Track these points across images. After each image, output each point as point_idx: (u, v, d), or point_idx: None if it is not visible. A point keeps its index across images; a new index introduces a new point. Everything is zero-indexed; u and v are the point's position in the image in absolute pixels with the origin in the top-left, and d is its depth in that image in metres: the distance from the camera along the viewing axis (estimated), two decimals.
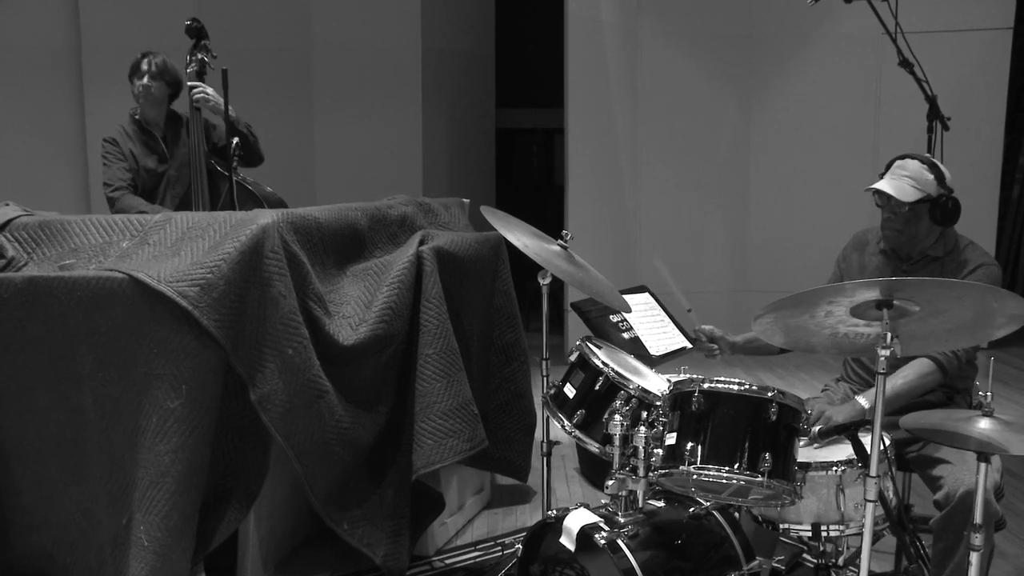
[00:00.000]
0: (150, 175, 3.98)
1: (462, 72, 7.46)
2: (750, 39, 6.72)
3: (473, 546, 3.48)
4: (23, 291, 2.79)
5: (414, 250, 3.21)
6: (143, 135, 3.99)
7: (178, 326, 2.66)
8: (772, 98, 6.75)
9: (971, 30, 6.23)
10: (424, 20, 6.78)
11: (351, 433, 3.00)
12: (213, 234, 2.86)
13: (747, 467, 2.17)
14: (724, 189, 6.87)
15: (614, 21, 6.35)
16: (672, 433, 2.27)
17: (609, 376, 2.59)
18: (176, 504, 2.68)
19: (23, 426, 2.89)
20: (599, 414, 2.61)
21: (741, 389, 2.22)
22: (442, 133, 7.18)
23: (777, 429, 2.19)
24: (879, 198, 2.94)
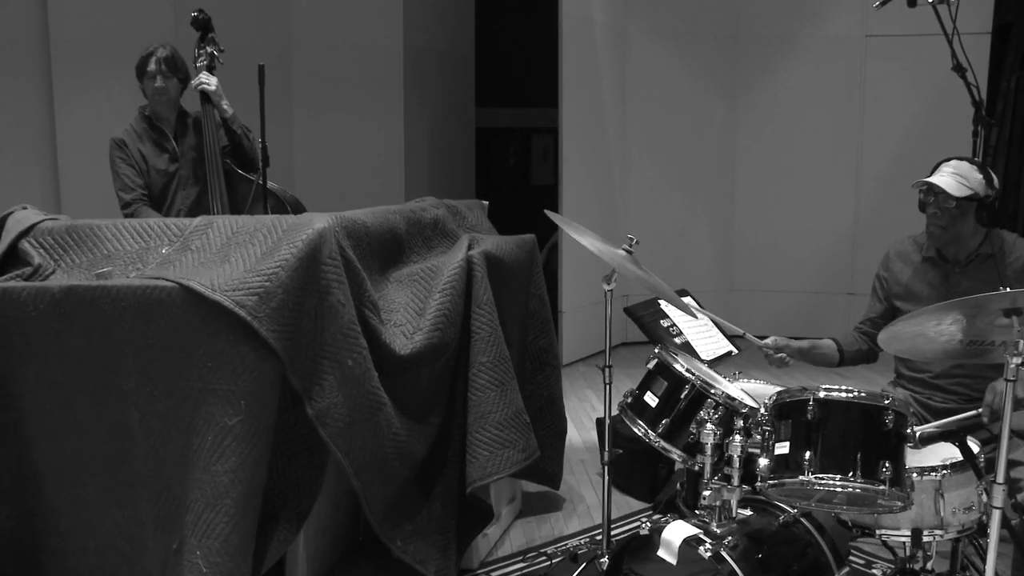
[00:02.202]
0: (160, 175, 3.79)
1: (443, 71, 7.34)
2: (736, 40, 6.75)
3: (520, 556, 3.39)
4: (62, 301, 2.59)
5: (463, 255, 3.10)
6: (154, 133, 3.80)
7: (235, 338, 2.51)
8: (758, 98, 6.79)
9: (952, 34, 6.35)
10: (406, 18, 6.64)
11: (407, 446, 2.88)
12: (263, 239, 2.71)
13: (863, 475, 2.13)
14: (710, 189, 6.89)
15: (605, 21, 6.31)
16: (784, 443, 2.22)
17: (696, 384, 2.54)
18: (236, 527, 2.52)
19: (60, 445, 2.70)
20: (684, 423, 2.56)
21: (855, 397, 2.18)
22: (423, 132, 7.04)
23: (891, 436, 2.15)
24: (925, 195, 2.94)
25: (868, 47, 6.52)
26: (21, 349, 2.65)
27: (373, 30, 6.60)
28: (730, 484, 2.41)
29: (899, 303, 3.02)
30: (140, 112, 3.83)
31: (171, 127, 3.82)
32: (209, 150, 3.72)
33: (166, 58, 3.71)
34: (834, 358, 3.09)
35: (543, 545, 3.49)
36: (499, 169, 9.60)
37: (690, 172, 6.83)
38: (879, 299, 3.10)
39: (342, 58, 6.58)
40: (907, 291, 3.00)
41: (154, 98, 3.73)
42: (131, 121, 3.84)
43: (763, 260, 6.75)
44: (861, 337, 3.14)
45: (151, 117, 3.80)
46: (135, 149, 3.75)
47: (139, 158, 3.75)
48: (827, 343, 3.12)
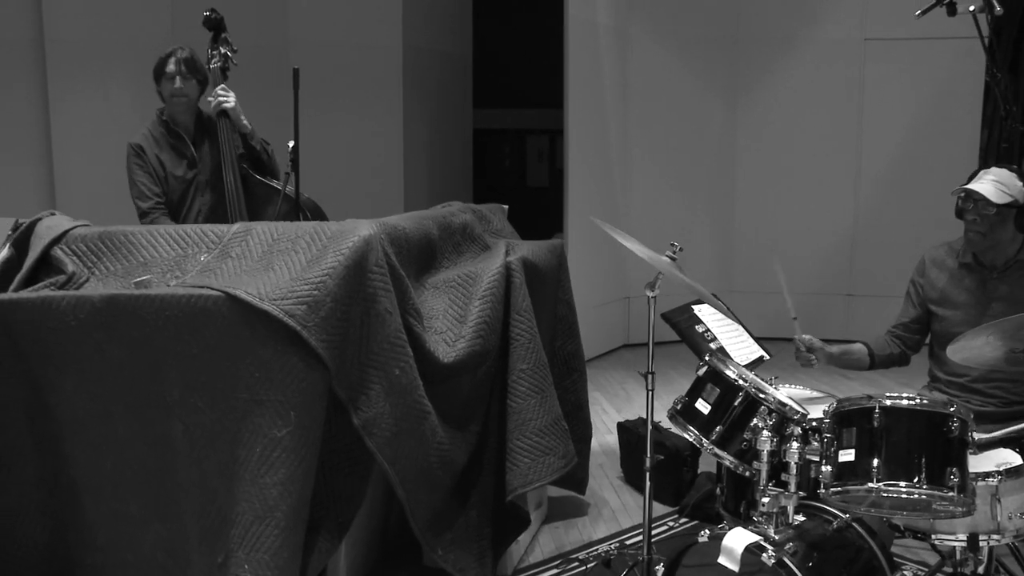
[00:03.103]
0: (179, 182, 3.70)
1: (441, 72, 7.30)
2: (736, 42, 6.78)
3: (553, 563, 3.37)
4: (102, 311, 2.54)
5: (501, 261, 3.08)
6: (172, 138, 3.71)
7: (283, 348, 2.47)
8: (757, 100, 6.83)
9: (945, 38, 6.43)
10: (405, 18, 6.59)
11: (450, 455, 2.85)
12: (307, 246, 2.67)
13: (929, 481, 2.14)
14: (710, 190, 6.92)
15: (608, 23, 6.31)
16: (848, 450, 2.22)
17: (750, 392, 2.54)
18: (286, 540, 2.49)
19: (99, 458, 2.64)
20: (737, 430, 2.56)
21: (920, 404, 2.19)
22: (422, 133, 7.00)
23: (955, 443, 2.17)
24: (963, 202, 2.97)
25: (867, 50, 6.58)
26: (60, 360, 2.59)
27: (372, 30, 6.55)
28: (787, 490, 2.41)
29: (935, 308, 3.05)
30: (157, 116, 3.73)
31: (189, 132, 3.74)
32: (226, 155, 3.65)
33: (186, 59, 3.64)
34: (865, 362, 3.12)
35: (573, 551, 3.47)
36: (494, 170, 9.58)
37: (690, 173, 6.85)
38: (913, 304, 3.13)
39: (341, 58, 6.52)
40: (943, 297, 3.03)
41: (172, 100, 3.65)
42: (148, 125, 3.74)
43: (762, 261, 6.74)
44: (893, 341, 3.16)
45: (168, 121, 3.71)
46: (153, 155, 3.66)
47: (157, 165, 3.67)
48: (859, 348, 3.14)
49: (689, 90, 6.74)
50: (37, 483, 2.68)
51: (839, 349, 3.10)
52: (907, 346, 3.13)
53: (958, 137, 6.53)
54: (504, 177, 9.56)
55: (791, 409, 2.55)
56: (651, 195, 6.75)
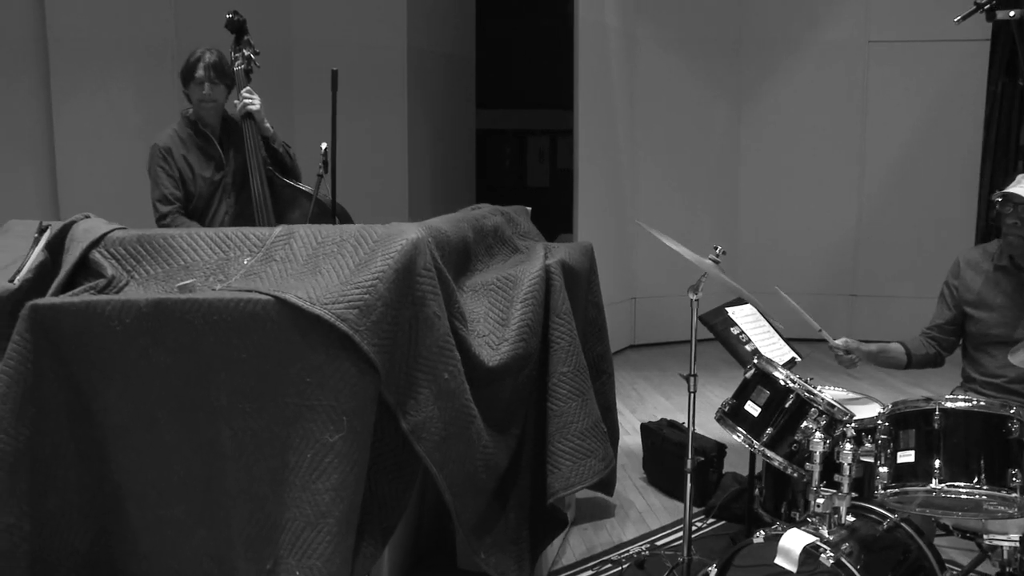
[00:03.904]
0: (206, 184, 3.65)
1: (445, 73, 7.28)
2: (740, 45, 6.81)
3: (591, 564, 3.37)
4: (149, 315, 2.51)
5: (541, 264, 3.07)
6: (199, 139, 3.66)
7: (335, 352, 2.45)
8: (761, 103, 6.86)
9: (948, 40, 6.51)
10: (410, 19, 6.57)
11: (494, 458, 2.85)
12: (353, 250, 2.66)
13: (989, 482, 2.16)
14: (714, 191, 6.95)
15: (616, 26, 6.32)
16: (908, 451, 2.24)
17: (800, 394, 2.56)
18: (338, 546, 2.47)
19: (144, 464, 2.61)
20: (788, 431, 2.58)
21: (978, 406, 2.22)
22: (426, 133, 6.98)
23: (1014, 444, 2.20)
24: (1002, 205, 3.01)
25: (871, 52, 6.64)
26: (104, 365, 2.56)
27: (376, 31, 6.51)
28: (840, 491, 2.43)
29: (971, 310, 3.08)
30: (184, 117, 3.68)
31: (216, 133, 3.70)
32: (252, 158, 3.62)
33: (214, 64, 3.59)
34: (902, 361, 3.15)
35: (605, 552, 3.48)
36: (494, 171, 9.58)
37: (694, 175, 6.88)
38: (948, 306, 3.16)
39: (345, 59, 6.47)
40: (979, 299, 3.06)
41: (201, 105, 3.60)
42: (174, 126, 3.68)
43: (765, 262, 6.82)
44: (928, 342, 3.19)
45: (197, 123, 3.67)
46: (180, 157, 3.61)
47: (184, 166, 3.61)
48: (896, 347, 3.17)
49: (693, 92, 6.77)
50: (79, 489, 2.64)
51: (877, 347, 3.13)
52: (942, 347, 3.16)
53: (960, 139, 6.61)
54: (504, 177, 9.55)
55: (839, 411, 2.57)
56: (656, 196, 6.77)
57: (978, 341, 3.04)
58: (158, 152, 3.62)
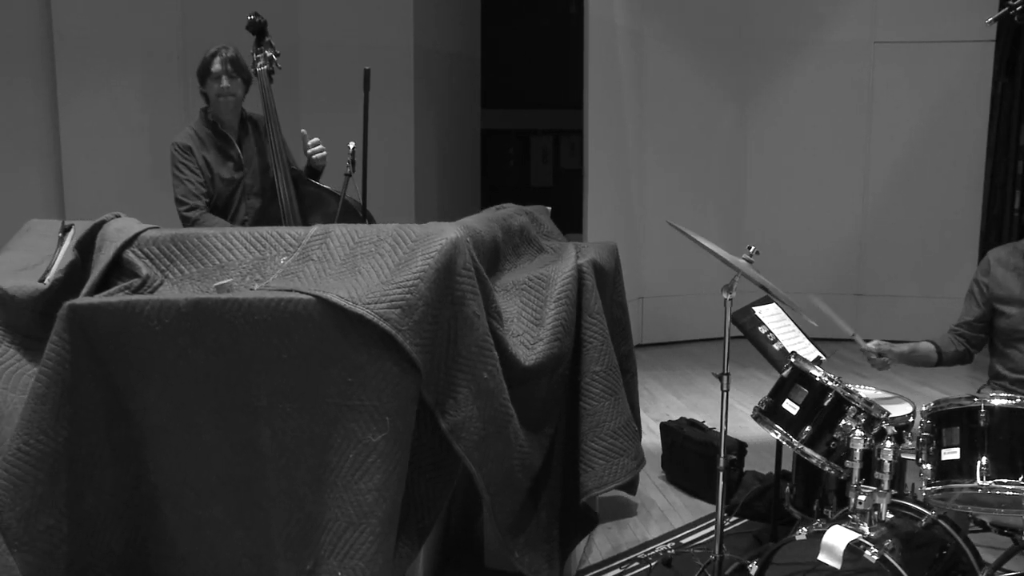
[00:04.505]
0: (226, 184, 3.64)
1: (451, 73, 7.27)
2: (745, 44, 6.84)
3: (618, 562, 3.38)
4: (188, 315, 2.49)
5: (573, 263, 3.08)
6: (217, 139, 3.64)
7: (377, 352, 2.45)
8: (767, 102, 6.89)
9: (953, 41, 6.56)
10: (416, 20, 6.55)
11: (529, 458, 2.85)
12: (391, 249, 2.65)
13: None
14: (720, 191, 6.97)
15: (624, 24, 6.33)
16: (952, 448, 2.26)
17: (840, 392, 2.57)
18: (381, 547, 2.47)
19: (182, 466, 2.60)
20: (826, 429, 2.60)
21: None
22: (431, 133, 6.97)
23: None
24: None
25: (876, 53, 6.68)
26: (143, 365, 2.54)
27: (383, 31, 6.50)
28: (880, 488, 2.45)
29: (1001, 307, 3.11)
30: (202, 116, 3.67)
31: (234, 132, 3.68)
32: (276, 157, 3.61)
33: (231, 58, 3.58)
34: (933, 359, 3.18)
35: (631, 551, 3.49)
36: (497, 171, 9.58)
37: (701, 174, 6.90)
38: (977, 304, 3.19)
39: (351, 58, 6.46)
40: (1011, 295, 3.09)
41: (219, 100, 3.58)
42: (191, 125, 3.67)
43: (770, 261, 6.82)
44: (957, 339, 3.22)
45: (215, 122, 3.65)
46: (200, 156, 3.59)
47: (203, 166, 3.60)
48: (926, 346, 3.20)
49: (700, 91, 6.79)
50: (115, 491, 2.63)
51: (908, 347, 3.16)
52: (971, 344, 3.19)
53: (966, 139, 6.66)
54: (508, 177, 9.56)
55: (877, 408, 2.59)
56: (663, 195, 6.79)
57: (1007, 337, 3.06)
58: (178, 150, 3.60)
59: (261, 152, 3.72)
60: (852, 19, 6.67)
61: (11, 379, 2.86)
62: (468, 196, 7.77)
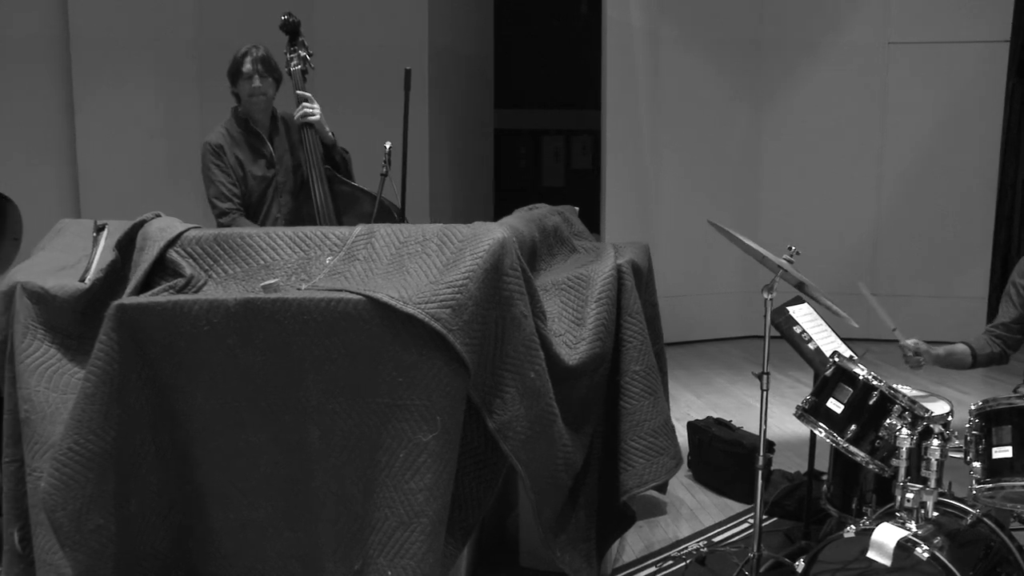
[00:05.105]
0: (258, 182, 3.64)
1: (464, 73, 7.28)
2: (760, 46, 6.86)
3: (652, 560, 3.39)
4: (237, 315, 2.50)
5: (612, 264, 3.09)
6: (249, 137, 3.64)
7: (428, 352, 2.45)
8: (781, 104, 6.91)
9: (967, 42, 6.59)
10: (431, 20, 6.56)
11: (572, 457, 2.86)
12: (438, 249, 2.66)
13: None
14: (735, 192, 6.99)
15: (640, 25, 6.35)
16: (1004, 447, 2.28)
17: (885, 391, 2.59)
18: (432, 546, 2.48)
19: (229, 466, 2.60)
20: (871, 427, 2.61)
21: None
22: (445, 133, 6.97)
23: None
24: None
25: (890, 54, 6.71)
26: (191, 365, 2.55)
27: (398, 31, 6.50)
28: (927, 486, 2.46)
29: None
30: (233, 115, 3.66)
31: (266, 130, 3.68)
32: (310, 156, 3.61)
33: (262, 58, 3.58)
34: (967, 361, 3.19)
35: (664, 549, 3.50)
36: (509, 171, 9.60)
37: (716, 174, 6.92)
38: (1014, 305, 3.20)
39: (366, 59, 6.47)
40: None
41: (250, 100, 3.58)
42: (224, 124, 3.66)
43: None
44: (993, 341, 3.23)
45: (247, 120, 3.65)
46: (232, 155, 3.59)
47: (235, 164, 3.60)
48: (961, 348, 3.21)
49: (715, 92, 6.81)
50: (159, 492, 2.64)
51: (944, 350, 3.17)
52: (1007, 345, 3.20)
53: (979, 139, 6.69)
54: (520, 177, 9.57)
55: (920, 407, 2.61)
56: (678, 195, 6.81)
57: None
58: (210, 150, 3.60)
59: (292, 150, 3.72)
60: (866, 20, 6.69)
61: (52, 379, 2.87)
62: (481, 196, 7.78)
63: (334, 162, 3.74)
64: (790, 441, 4.54)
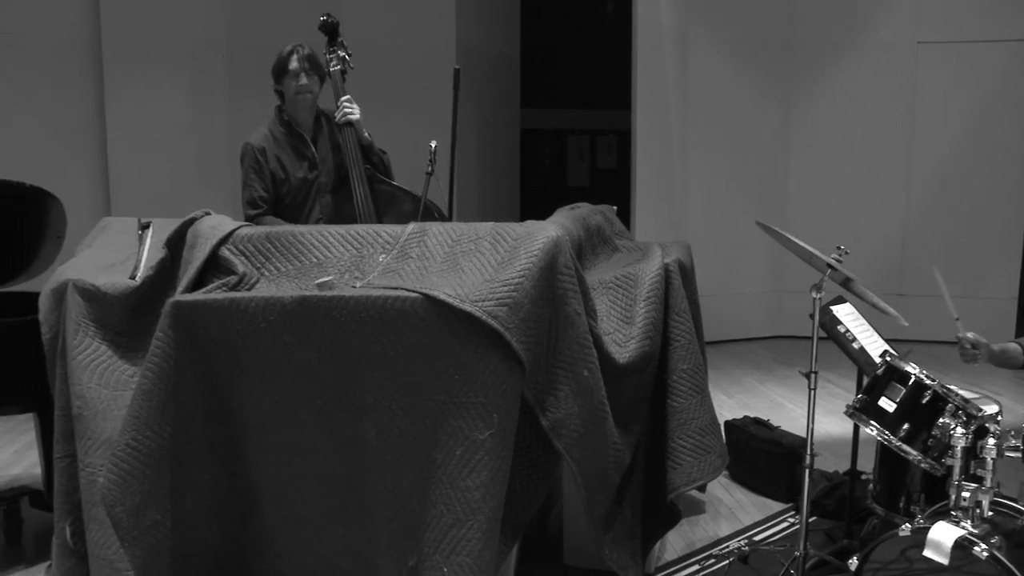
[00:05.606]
0: (300, 184, 3.63)
1: (492, 72, 7.29)
2: (789, 46, 6.86)
3: (695, 559, 3.39)
4: (294, 313, 2.51)
5: (660, 263, 3.09)
6: (292, 139, 3.65)
7: (484, 349, 2.46)
8: (810, 103, 6.91)
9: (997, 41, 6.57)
10: (459, 18, 6.57)
11: (622, 455, 2.87)
12: (491, 247, 2.67)
13: None
14: (764, 191, 6.98)
15: (669, 25, 6.36)
16: None
17: (938, 390, 2.59)
18: (488, 543, 2.48)
19: (283, 463, 2.62)
20: (923, 426, 2.61)
21: None
22: (472, 132, 6.99)
23: None
24: None
25: (920, 53, 6.69)
26: (247, 363, 2.56)
27: (426, 30, 6.51)
28: (983, 485, 2.46)
29: None
30: (278, 116, 3.67)
31: (309, 132, 3.69)
32: (353, 165, 3.62)
33: (308, 56, 3.59)
34: (1019, 361, 3.17)
35: (705, 548, 3.50)
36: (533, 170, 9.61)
37: (744, 174, 6.92)
38: None
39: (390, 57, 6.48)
40: None
41: (296, 98, 3.58)
42: (267, 125, 3.66)
43: None
44: None
45: (291, 122, 3.66)
46: (273, 157, 3.59)
47: (277, 166, 3.60)
48: (1014, 348, 3.19)
49: (744, 92, 6.80)
50: (212, 489, 2.65)
51: (999, 347, 3.15)
52: None
53: (1009, 139, 6.66)
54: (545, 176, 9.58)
55: (974, 406, 2.61)
56: (707, 196, 6.81)
57: None
58: (251, 152, 3.59)
59: (335, 149, 3.73)
60: (895, 20, 6.68)
61: (104, 375, 2.90)
62: (507, 195, 7.79)
63: (371, 162, 3.75)
64: (824, 441, 4.53)
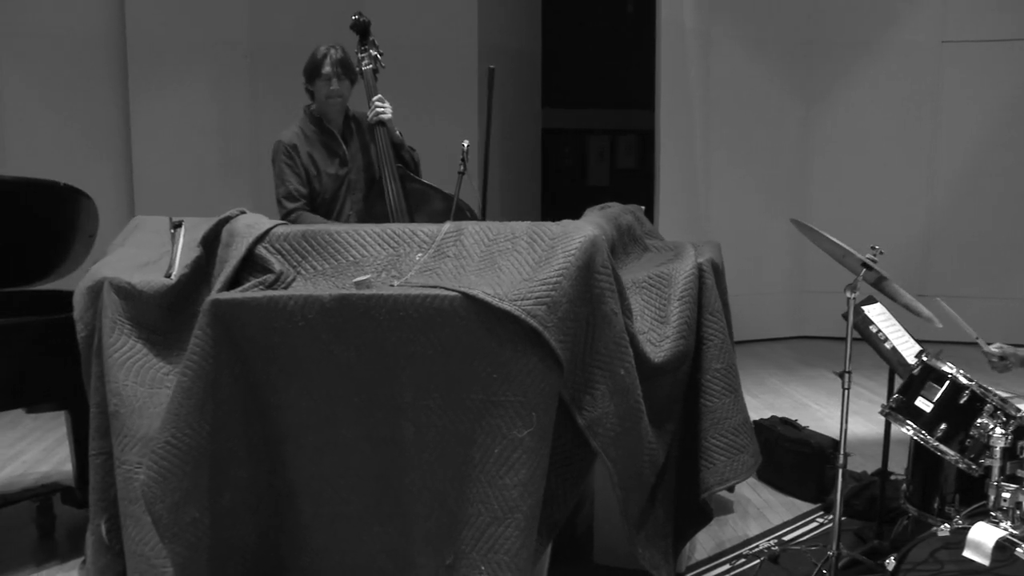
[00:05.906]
0: (331, 180, 3.67)
1: (514, 71, 7.29)
2: (812, 45, 6.84)
3: (726, 558, 3.39)
4: (332, 311, 2.52)
5: (693, 263, 3.09)
6: (323, 136, 3.67)
7: (523, 348, 2.46)
8: (833, 103, 6.90)
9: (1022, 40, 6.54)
10: (481, 17, 6.58)
11: (656, 454, 2.87)
12: (528, 246, 2.67)
13: None
14: (786, 191, 6.97)
15: (692, 25, 6.35)
16: None
17: (976, 391, 2.59)
18: (525, 541, 2.49)
19: (320, 461, 2.63)
20: (960, 426, 2.61)
21: None
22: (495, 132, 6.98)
23: None
24: None
25: (944, 53, 6.67)
26: (285, 361, 2.57)
27: (449, 29, 6.53)
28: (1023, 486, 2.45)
29: None
30: (308, 114, 3.69)
31: (339, 129, 3.72)
32: (384, 164, 3.64)
33: (341, 60, 3.61)
34: None
35: (734, 547, 3.50)
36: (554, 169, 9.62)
37: (767, 175, 6.91)
38: None
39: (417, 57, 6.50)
40: None
41: (327, 102, 3.61)
42: (298, 123, 3.69)
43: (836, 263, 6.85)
44: None
45: (321, 119, 3.68)
46: (305, 154, 3.62)
47: (308, 163, 3.63)
48: None
49: (767, 92, 6.80)
50: (249, 487, 2.66)
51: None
52: None
53: None
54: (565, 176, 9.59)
55: (1012, 406, 2.60)
56: (730, 195, 6.81)
57: None
58: (283, 149, 3.63)
59: (365, 149, 3.75)
60: (920, 19, 6.66)
61: (140, 373, 2.92)
62: (529, 194, 7.79)
63: (403, 161, 3.77)
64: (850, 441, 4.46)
